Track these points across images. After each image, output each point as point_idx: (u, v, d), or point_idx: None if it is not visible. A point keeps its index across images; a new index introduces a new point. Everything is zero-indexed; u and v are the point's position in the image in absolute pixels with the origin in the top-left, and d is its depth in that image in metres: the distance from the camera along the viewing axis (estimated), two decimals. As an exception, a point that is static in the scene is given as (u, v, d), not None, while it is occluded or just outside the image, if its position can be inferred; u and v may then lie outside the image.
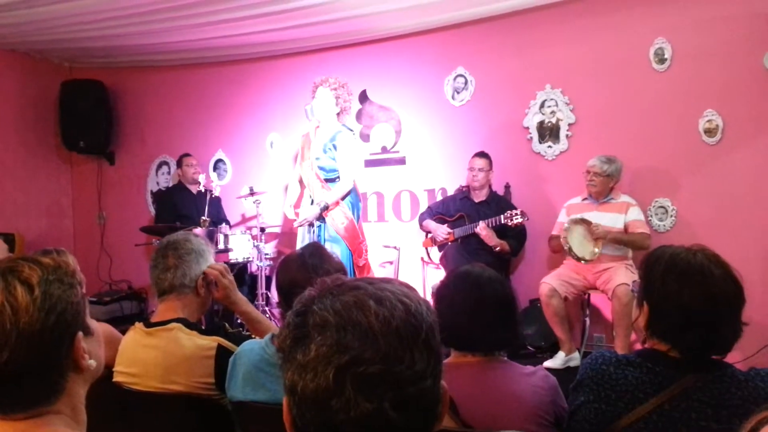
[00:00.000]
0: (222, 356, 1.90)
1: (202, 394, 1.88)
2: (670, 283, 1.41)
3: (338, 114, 4.40)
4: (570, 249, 3.88)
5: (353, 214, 4.29)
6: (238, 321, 4.72)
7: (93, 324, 1.07)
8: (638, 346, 1.60)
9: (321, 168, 4.31)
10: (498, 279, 1.69)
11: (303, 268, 1.80)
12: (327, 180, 4.29)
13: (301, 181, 4.57)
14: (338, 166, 4.31)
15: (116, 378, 1.97)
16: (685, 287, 1.38)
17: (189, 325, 1.98)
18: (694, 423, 1.35)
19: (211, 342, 1.92)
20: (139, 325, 2.03)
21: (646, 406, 1.39)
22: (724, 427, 1.34)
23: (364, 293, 0.74)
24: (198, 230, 4.51)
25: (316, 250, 1.94)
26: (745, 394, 1.35)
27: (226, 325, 2.28)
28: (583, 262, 3.89)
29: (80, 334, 1.01)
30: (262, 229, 5.05)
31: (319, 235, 4.22)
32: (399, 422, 0.69)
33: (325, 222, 4.22)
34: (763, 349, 3.29)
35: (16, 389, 0.94)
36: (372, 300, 0.73)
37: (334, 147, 4.29)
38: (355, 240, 4.23)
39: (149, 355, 1.92)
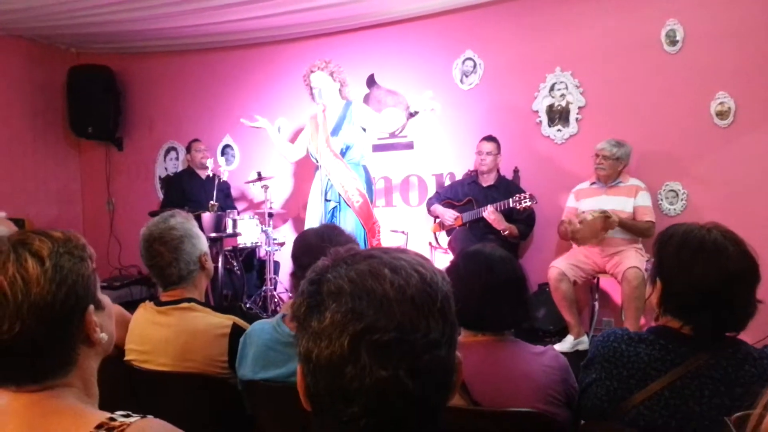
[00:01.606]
0: (236, 335, 1.92)
1: (216, 373, 1.90)
2: (683, 259, 1.39)
3: (340, 90, 4.42)
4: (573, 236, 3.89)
5: (367, 194, 4.30)
6: (248, 305, 4.74)
7: (104, 299, 1.07)
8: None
9: (336, 144, 4.33)
10: (508, 258, 1.68)
11: (319, 238, 1.80)
12: (342, 153, 4.29)
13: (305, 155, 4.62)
14: (375, 128, 4.44)
15: (128, 356, 1.98)
16: (698, 263, 1.37)
17: (201, 303, 2.00)
18: (707, 400, 1.34)
19: (226, 320, 1.94)
20: (149, 303, 2.04)
21: (659, 383, 1.38)
22: (737, 404, 1.33)
23: (379, 262, 0.74)
24: (206, 215, 4.51)
25: (333, 226, 1.96)
26: (759, 371, 1.34)
27: (242, 305, 2.29)
28: (582, 244, 3.89)
29: (91, 307, 1.01)
30: (270, 214, 5.05)
31: (333, 216, 4.23)
32: (414, 390, 0.69)
33: (340, 204, 4.23)
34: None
35: (28, 361, 0.94)
36: (387, 268, 0.72)
37: (351, 122, 4.35)
38: (369, 219, 4.25)
39: (161, 333, 1.93)
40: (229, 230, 4.70)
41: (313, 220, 4.33)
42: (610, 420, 1.45)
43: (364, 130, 4.40)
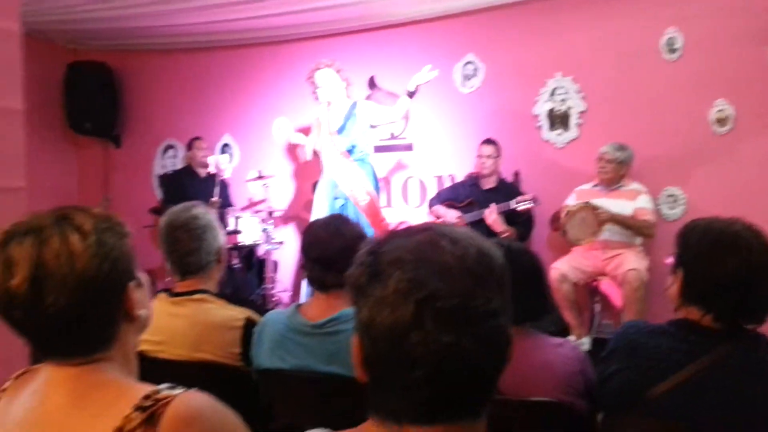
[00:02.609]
0: (249, 328, 1.93)
1: (229, 364, 1.90)
2: (705, 248, 1.43)
3: (345, 89, 4.46)
4: (564, 233, 3.90)
5: (375, 192, 4.30)
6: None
7: (142, 277, 1.07)
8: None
9: (343, 143, 4.34)
10: (527, 250, 1.70)
11: (326, 231, 1.81)
12: (349, 151, 4.30)
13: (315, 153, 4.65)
14: (382, 120, 4.50)
15: (141, 347, 1.97)
16: (721, 253, 1.40)
17: (215, 295, 2.00)
18: (729, 391, 1.37)
19: (239, 313, 1.95)
20: (163, 294, 2.04)
21: (681, 374, 1.40)
22: (758, 394, 1.35)
23: (436, 234, 0.75)
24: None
25: (340, 216, 1.98)
26: (779, 363, 1.36)
27: (255, 300, 2.30)
28: (579, 243, 3.90)
29: (132, 283, 1.01)
30: (270, 213, 5.05)
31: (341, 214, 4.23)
32: (476, 356, 0.70)
33: (347, 202, 4.23)
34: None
35: (73, 335, 0.95)
36: (445, 240, 0.74)
37: (355, 118, 4.37)
38: (376, 218, 4.24)
39: (176, 324, 1.93)
40: (231, 228, 4.68)
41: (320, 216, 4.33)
42: (631, 411, 1.46)
43: (372, 127, 4.42)
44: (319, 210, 4.34)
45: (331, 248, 1.75)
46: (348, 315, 1.74)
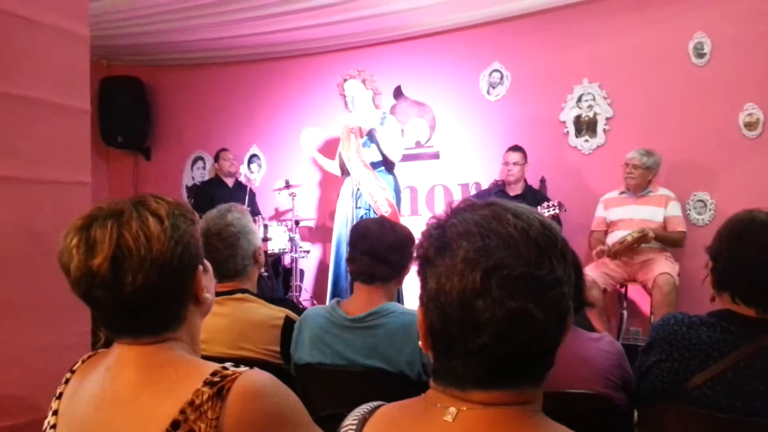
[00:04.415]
0: (288, 327, 1.97)
1: (269, 361, 1.94)
2: (730, 238, 1.49)
3: (373, 98, 4.49)
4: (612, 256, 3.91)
5: (396, 203, 4.35)
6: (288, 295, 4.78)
7: (207, 263, 1.12)
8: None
9: (367, 155, 4.39)
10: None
11: (379, 226, 1.86)
12: (373, 164, 4.35)
13: (342, 167, 4.65)
14: (385, 145, 4.46)
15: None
16: (741, 239, 1.47)
17: (254, 295, 2.05)
18: (770, 380, 1.37)
19: (279, 312, 2.00)
20: (204, 294, 2.10)
21: (721, 363, 1.41)
22: (801, 384, 1.36)
23: (500, 208, 0.79)
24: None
25: (389, 219, 2.02)
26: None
27: (293, 299, 2.34)
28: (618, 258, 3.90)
29: (201, 267, 1.06)
30: (297, 222, 5.12)
31: None
32: (541, 321, 0.73)
33: (369, 212, 4.28)
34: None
35: (147, 315, 1.00)
36: (509, 213, 0.78)
37: (381, 131, 4.40)
38: None
39: (217, 322, 1.97)
40: (261, 234, 4.76)
41: (342, 225, 4.38)
42: (671, 401, 1.47)
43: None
44: (342, 217, 4.40)
45: (383, 242, 1.81)
46: (387, 309, 1.78)
